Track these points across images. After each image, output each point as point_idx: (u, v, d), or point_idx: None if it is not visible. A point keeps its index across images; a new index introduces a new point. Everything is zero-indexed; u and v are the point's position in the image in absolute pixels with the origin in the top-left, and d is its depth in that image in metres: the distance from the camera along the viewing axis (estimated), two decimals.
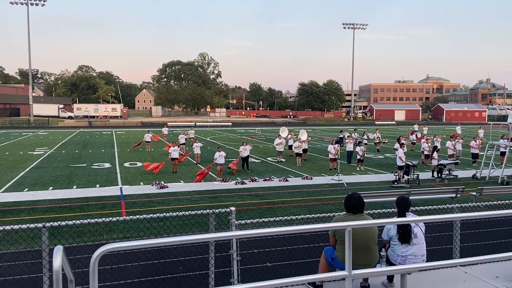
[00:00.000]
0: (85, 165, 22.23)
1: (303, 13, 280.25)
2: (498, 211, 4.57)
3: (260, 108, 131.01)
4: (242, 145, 20.89)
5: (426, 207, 6.75)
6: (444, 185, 16.70)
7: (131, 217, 5.64)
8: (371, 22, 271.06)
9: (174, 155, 19.90)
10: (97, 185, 16.68)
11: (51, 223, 5.26)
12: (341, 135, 26.54)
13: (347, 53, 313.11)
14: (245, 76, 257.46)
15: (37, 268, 5.75)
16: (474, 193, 12.34)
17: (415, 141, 30.35)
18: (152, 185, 16.52)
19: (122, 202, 13.87)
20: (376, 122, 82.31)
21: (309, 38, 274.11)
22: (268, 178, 18.15)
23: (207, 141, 36.86)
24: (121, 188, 16.12)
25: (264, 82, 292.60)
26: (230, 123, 74.22)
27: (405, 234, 4.77)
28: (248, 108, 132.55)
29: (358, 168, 21.11)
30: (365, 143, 28.25)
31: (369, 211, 5.93)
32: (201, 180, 17.45)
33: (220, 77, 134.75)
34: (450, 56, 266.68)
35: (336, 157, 20.85)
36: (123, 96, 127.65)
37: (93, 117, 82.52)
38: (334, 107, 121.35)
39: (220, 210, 5.94)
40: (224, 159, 18.71)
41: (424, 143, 23.22)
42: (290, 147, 25.90)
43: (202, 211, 5.98)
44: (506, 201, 9.93)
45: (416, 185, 16.80)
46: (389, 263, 4.87)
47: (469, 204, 6.99)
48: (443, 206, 6.82)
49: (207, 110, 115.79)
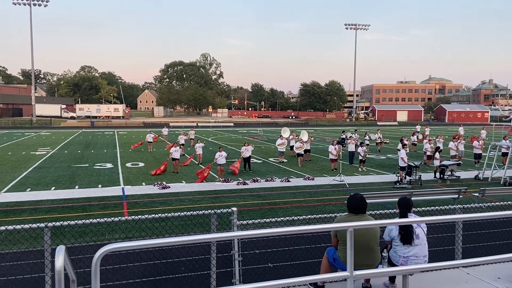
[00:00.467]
0: (87, 165, 22.27)
1: (305, 14, 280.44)
2: (501, 212, 4.56)
3: (262, 109, 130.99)
4: (244, 146, 20.92)
5: (428, 208, 6.74)
6: (446, 186, 16.66)
7: (133, 217, 5.64)
8: (373, 23, 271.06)
9: (175, 156, 19.92)
10: (99, 185, 16.71)
11: (53, 223, 5.27)
12: (343, 136, 26.53)
13: (349, 54, 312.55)
14: (247, 77, 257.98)
15: (39, 268, 5.76)
16: (477, 194, 12.32)
17: (416, 142, 30.30)
18: (154, 186, 16.55)
19: (124, 202, 13.89)
20: (378, 123, 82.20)
21: (311, 39, 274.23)
22: (270, 179, 18.15)
23: (209, 142, 36.88)
24: (123, 189, 16.14)
25: (266, 83, 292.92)
26: (232, 124, 74.23)
27: (407, 235, 4.76)
28: (250, 109, 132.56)
29: (360, 169, 21.09)
30: (367, 144, 28.22)
31: (371, 212, 5.92)
32: (203, 181, 17.47)
33: (222, 78, 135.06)
34: (453, 57, 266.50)
35: (337, 158, 20.88)
36: (125, 97, 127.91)
37: (95, 118, 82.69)
38: (336, 108, 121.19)
39: (222, 211, 5.94)
40: (225, 160, 18.70)
41: (427, 144, 23.18)
42: (292, 148, 25.89)
43: (204, 212, 5.98)
44: (509, 202, 9.88)
45: (418, 186, 16.77)
46: (391, 264, 4.87)
47: (471, 205, 6.97)
48: (445, 207, 6.81)
49: (209, 111, 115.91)
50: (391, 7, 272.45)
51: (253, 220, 6.06)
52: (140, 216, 5.65)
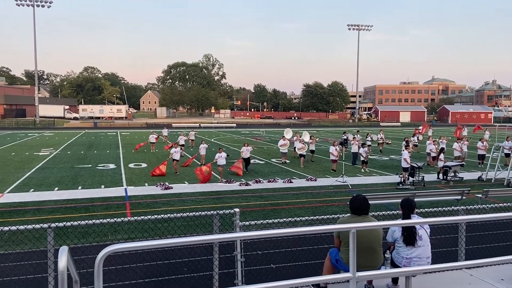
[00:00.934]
0: (90, 166, 22.33)
1: (307, 14, 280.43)
2: (504, 214, 4.54)
3: (265, 109, 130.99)
4: (244, 146, 21.01)
5: (431, 209, 6.72)
6: (450, 187, 16.61)
7: (136, 218, 5.66)
8: (376, 23, 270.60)
9: (176, 157, 19.94)
10: (102, 186, 16.75)
11: (57, 224, 5.29)
12: (345, 137, 26.49)
13: (352, 54, 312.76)
14: (250, 78, 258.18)
15: (42, 269, 5.78)
16: (480, 195, 12.26)
17: (417, 143, 30.22)
18: (157, 186, 16.57)
19: (127, 203, 13.91)
20: (381, 124, 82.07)
21: (314, 39, 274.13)
22: (272, 180, 18.14)
23: (212, 142, 36.89)
24: (126, 189, 16.17)
25: (269, 84, 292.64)
26: (235, 124, 74.22)
27: (410, 236, 4.75)
28: (253, 109, 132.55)
29: (363, 170, 21.05)
30: (369, 145, 28.19)
31: (374, 213, 5.91)
32: (207, 181, 17.44)
33: (225, 78, 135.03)
34: (456, 58, 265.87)
35: (337, 159, 20.91)
36: (128, 97, 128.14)
37: (98, 118, 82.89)
38: (339, 109, 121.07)
39: (224, 211, 5.94)
40: (225, 160, 18.65)
41: (431, 145, 23.13)
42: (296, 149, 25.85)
43: (206, 212, 5.99)
44: None
45: (421, 187, 16.73)
46: (394, 265, 4.86)
47: (475, 206, 6.95)
48: (449, 208, 6.79)
49: (212, 111, 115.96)
50: (394, 8, 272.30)
51: (256, 221, 6.06)
52: (143, 217, 5.67)
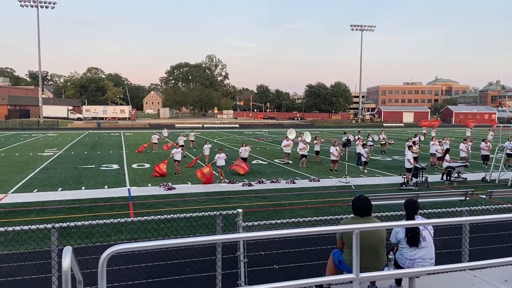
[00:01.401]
0: (94, 167, 22.39)
1: (310, 15, 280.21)
2: (508, 215, 4.52)
3: (268, 110, 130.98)
4: (242, 146, 21.06)
5: (435, 210, 6.70)
6: (453, 188, 16.56)
7: (139, 218, 5.67)
8: (379, 24, 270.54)
9: (177, 157, 19.96)
10: (106, 186, 16.79)
11: (60, 224, 5.31)
12: (345, 137, 26.49)
13: (355, 55, 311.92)
14: (253, 78, 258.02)
15: (46, 269, 5.80)
16: (484, 196, 12.22)
17: (418, 144, 30.16)
18: (160, 187, 16.60)
19: (130, 203, 13.94)
20: (384, 124, 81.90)
21: (317, 40, 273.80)
22: (275, 180, 18.14)
23: (215, 143, 36.91)
24: (129, 189, 16.21)
25: (272, 84, 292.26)
26: (238, 125, 74.28)
27: (414, 237, 4.74)
28: (256, 110, 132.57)
29: (362, 170, 21.01)
30: (371, 145, 28.18)
31: (377, 214, 5.90)
32: (210, 183, 17.42)
33: (228, 79, 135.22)
34: (459, 58, 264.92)
35: (338, 159, 20.90)
36: (131, 98, 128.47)
37: (102, 119, 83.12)
38: (342, 109, 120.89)
39: (227, 212, 5.95)
40: (225, 161, 18.62)
41: (435, 145, 23.06)
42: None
43: (209, 213, 6.00)
44: None
45: (425, 188, 16.68)
46: (397, 266, 4.84)
47: (479, 207, 6.93)
48: (452, 209, 6.77)
49: (215, 112, 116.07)
50: (397, 8, 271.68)
51: (259, 222, 6.06)
52: (146, 217, 5.68)
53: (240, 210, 5.90)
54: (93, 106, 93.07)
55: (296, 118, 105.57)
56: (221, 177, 17.99)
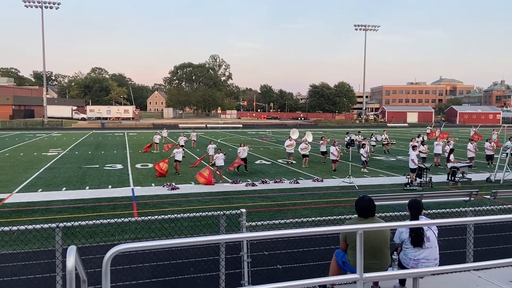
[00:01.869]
0: (98, 166, 22.46)
1: (314, 15, 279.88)
2: None
3: (271, 110, 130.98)
4: (240, 146, 21.10)
5: (439, 210, 6.67)
6: (458, 188, 16.49)
7: (143, 218, 5.68)
8: (383, 23, 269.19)
9: (178, 157, 19.97)
10: (109, 186, 16.84)
11: (65, 224, 5.33)
12: (348, 137, 26.44)
13: (359, 55, 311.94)
14: (256, 78, 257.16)
15: (51, 268, 5.82)
16: (488, 197, 12.16)
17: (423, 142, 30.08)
18: (163, 186, 16.63)
19: (134, 203, 13.98)
20: (388, 124, 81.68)
21: (320, 40, 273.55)
22: (279, 180, 18.12)
23: (218, 143, 36.93)
24: (133, 189, 16.25)
25: (275, 84, 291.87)
26: (241, 125, 74.30)
27: (418, 238, 4.72)
28: (259, 110, 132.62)
29: (362, 170, 20.96)
30: (373, 145, 28.10)
31: (381, 214, 5.88)
32: (212, 183, 17.42)
33: (231, 79, 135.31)
34: (464, 58, 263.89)
35: (338, 159, 20.88)
36: (135, 98, 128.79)
37: (106, 119, 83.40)
38: (346, 109, 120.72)
39: (231, 212, 5.95)
40: (224, 162, 18.60)
41: (439, 145, 22.95)
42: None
43: (213, 213, 6.00)
44: None
45: (429, 188, 16.62)
46: (401, 267, 4.83)
47: (483, 208, 6.90)
48: (457, 210, 6.73)
49: (218, 112, 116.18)
50: (401, 8, 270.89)
51: (262, 222, 6.06)
52: (150, 217, 5.69)
53: (244, 210, 5.90)
54: (97, 106, 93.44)
55: (300, 118, 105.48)
56: (221, 178, 17.98)
